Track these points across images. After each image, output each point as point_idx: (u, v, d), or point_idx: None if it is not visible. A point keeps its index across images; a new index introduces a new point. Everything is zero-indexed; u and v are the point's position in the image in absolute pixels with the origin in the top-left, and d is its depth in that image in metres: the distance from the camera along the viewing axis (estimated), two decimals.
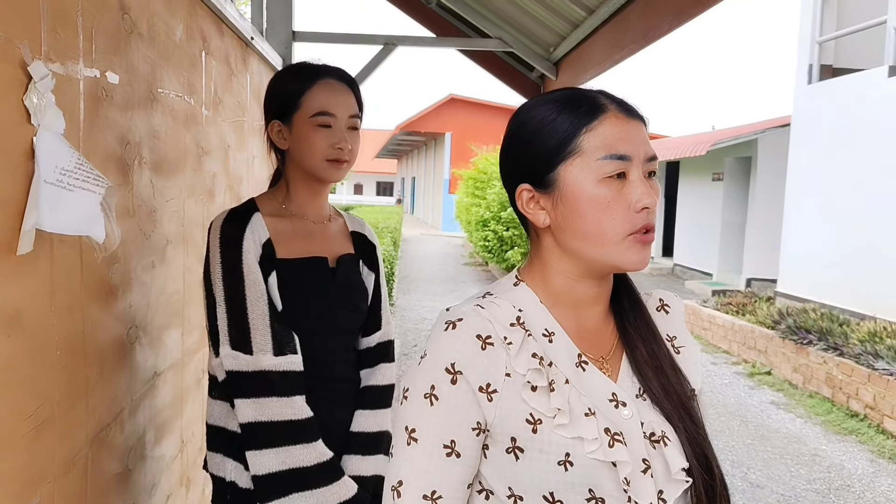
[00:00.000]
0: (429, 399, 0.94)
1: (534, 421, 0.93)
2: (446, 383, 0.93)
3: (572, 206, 0.95)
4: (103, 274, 1.41)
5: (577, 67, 3.15)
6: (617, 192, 0.94)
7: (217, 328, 1.54)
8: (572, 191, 0.94)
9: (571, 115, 0.95)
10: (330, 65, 1.71)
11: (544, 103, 0.99)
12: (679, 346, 1.10)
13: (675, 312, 1.14)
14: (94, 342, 1.36)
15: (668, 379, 1.03)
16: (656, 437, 0.98)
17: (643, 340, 1.05)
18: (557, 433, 0.92)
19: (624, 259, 0.96)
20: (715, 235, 13.62)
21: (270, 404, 1.52)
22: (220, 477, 1.61)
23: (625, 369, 1.03)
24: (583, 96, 0.97)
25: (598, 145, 0.93)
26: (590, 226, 0.94)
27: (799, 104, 9.68)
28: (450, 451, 0.93)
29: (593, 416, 0.94)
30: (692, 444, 1.00)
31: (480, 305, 0.97)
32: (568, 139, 0.94)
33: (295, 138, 1.63)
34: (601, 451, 0.92)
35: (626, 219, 0.94)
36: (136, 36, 1.57)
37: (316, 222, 1.71)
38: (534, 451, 0.92)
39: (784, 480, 4.63)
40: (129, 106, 1.53)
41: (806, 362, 6.63)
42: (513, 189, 1.01)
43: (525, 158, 0.98)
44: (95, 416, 1.38)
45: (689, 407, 1.04)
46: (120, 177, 1.48)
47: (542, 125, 0.96)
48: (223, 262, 1.55)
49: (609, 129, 0.93)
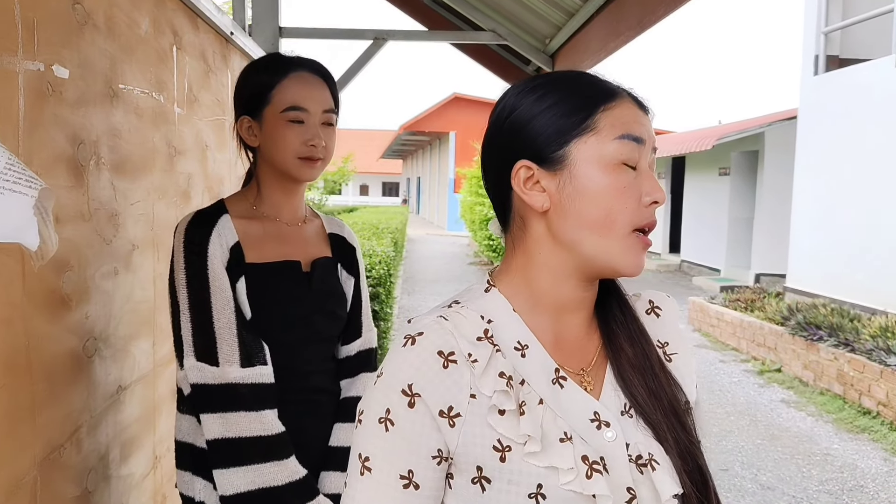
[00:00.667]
0: (383, 424, 0.83)
1: (502, 448, 0.82)
2: (402, 407, 0.82)
3: (583, 188, 0.85)
4: (52, 283, 1.30)
5: (573, 59, 3.04)
6: (631, 179, 0.85)
7: (182, 338, 1.44)
8: (585, 171, 0.85)
9: (588, 92, 0.88)
10: (304, 56, 1.61)
11: (545, 83, 0.90)
12: (671, 353, 0.99)
13: (668, 315, 1.03)
14: (41, 357, 1.26)
15: (657, 383, 0.92)
16: (643, 460, 0.87)
17: (631, 342, 0.94)
18: (528, 462, 0.81)
19: (625, 258, 0.86)
20: (722, 231, 13.47)
21: (238, 419, 1.42)
22: (189, 496, 1.52)
23: (609, 382, 0.92)
24: (596, 78, 0.91)
25: (615, 124, 0.85)
26: (600, 211, 0.84)
27: (805, 96, 9.53)
28: (407, 483, 0.82)
29: (569, 442, 0.83)
30: (685, 459, 0.89)
31: (444, 317, 0.86)
32: (585, 115, 0.86)
33: (265, 135, 1.53)
34: (578, 482, 0.81)
35: (636, 211, 0.85)
36: (92, 28, 1.47)
37: (289, 224, 1.61)
38: (502, 482, 0.81)
39: (795, 481, 4.51)
40: (83, 102, 1.43)
41: (816, 359, 6.50)
42: (505, 169, 0.89)
43: (529, 133, 0.87)
44: (45, 437, 1.28)
45: (682, 415, 0.93)
46: (71, 178, 1.38)
47: (551, 101, 0.87)
48: (187, 267, 1.45)
49: (625, 111, 0.87)
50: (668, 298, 1.05)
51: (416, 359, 0.83)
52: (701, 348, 8.21)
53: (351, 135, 50.29)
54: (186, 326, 1.44)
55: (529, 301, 0.91)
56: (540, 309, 0.91)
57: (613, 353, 0.94)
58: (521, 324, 0.90)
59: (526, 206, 0.89)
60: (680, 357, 0.99)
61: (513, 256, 0.93)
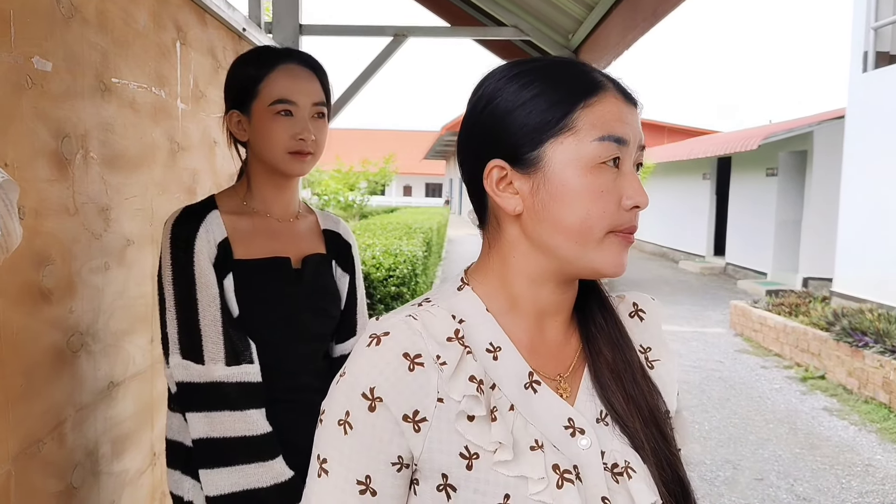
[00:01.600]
0: (342, 427, 0.79)
1: (469, 455, 0.77)
2: (363, 411, 0.78)
3: (557, 192, 0.79)
4: (29, 277, 1.29)
5: (594, 53, 2.96)
6: (611, 181, 0.79)
7: (167, 335, 1.43)
8: (560, 174, 0.79)
9: (567, 87, 0.80)
10: (293, 48, 1.58)
11: (530, 70, 0.82)
12: (653, 359, 0.93)
13: (652, 319, 0.96)
14: (16, 351, 1.25)
15: (637, 389, 0.86)
16: (619, 468, 0.81)
17: (611, 346, 0.88)
18: (497, 471, 0.76)
19: (603, 261, 0.80)
20: (769, 233, 13.12)
21: (223, 419, 1.40)
22: (178, 496, 1.50)
23: (585, 387, 0.86)
24: (579, 69, 0.83)
25: (595, 124, 0.79)
26: (575, 217, 0.78)
27: (854, 94, 9.20)
28: (363, 489, 0.78)
29: (540, 451, 0.78)
30: (663, 468, 0.83)
31: (413, 316, 0.81)
32: (562, 113, 0.79)
33: (254, 129, 1.51)
34: (548, 492, 0.76)
35: (615, 214, 0.80)
36: (80, 21, 1.46)
37: (281, 220, 1.58)
38: (468, 490, 0.77)
39: (833, 493, 4.33)
40: (69, 96, 1.42)
41: (861, 366, 6.25)
42: (479, 166, 0.83)
43: (503, 130, 0.81)
44: (21, 431, 1.27)
45: (661, 424, 0.87)
46: (54, 172, 1.37)
47: (530, 94, 0.80)
48: (173, 263, 1.43)
49: (607, 107, 0.80)
50: (654, 301, 0.99)
51: (379, 360, 0.78)
52: (742, 353, 7.99)
53: (394, 135, 50.57)
54: (172, 323, 1.42)
55: (505, 303, 0.86)
56: (515, 312, 0.86)
57: (592, 357, 0.88)
58: (494, 325, 0.85)
59: (500, 207, 0.84)
60: (662, 364, 0.93)
61: (488, 256, 0.88)
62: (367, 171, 24.32)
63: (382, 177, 26.00)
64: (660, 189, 18.53)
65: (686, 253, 17.41)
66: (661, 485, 0.82)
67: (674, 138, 23.85)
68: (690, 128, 26.84)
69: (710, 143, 15.19)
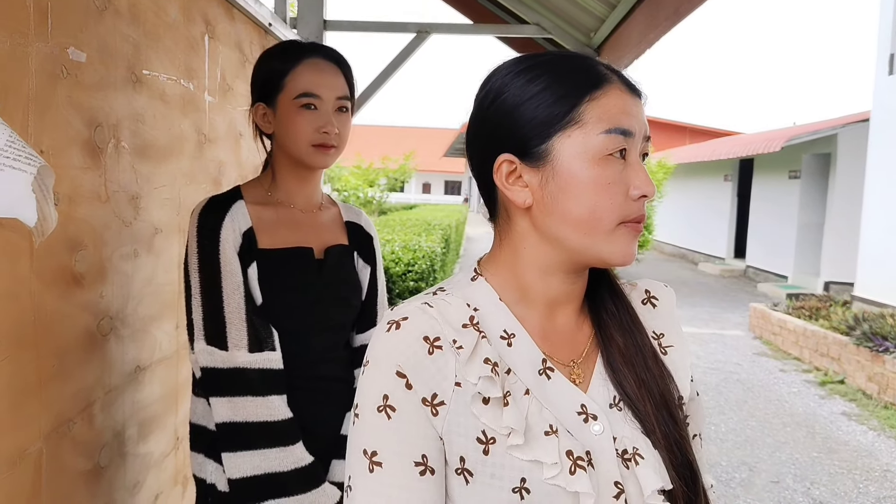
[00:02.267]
0: (384, 413, 0.78)
1: (486, 440, 0.78)
2: (400, 389, 0.78)
3: (566, 185, 0.81)
4: (63, 261, 1.34)
5: (616, 52, 2.97)
6: (618, 173, 0.81)
7: (192, 321, 1.46)
8: (568, 166, 0.81)
9: (573, 81, 0.82)
10: (318, 43, 1.61)
11: (536, 65, 0.84)
12: (666, 345, 0.94)
13: (664, 306, 0.98)
14: (50, 333, 1.29)
15: (649, 374, 0.88)
16: (628, 454, 0.83)
17: (623, 331, 0.90)
18: (512, 455, 0.78)
19: (613, 251, 0.82)
20: (791, 236, 13.00)
21: (245, 404, 1.43)
22: (201, 478, 1.54)
23: (598, 374, 0.88)
24: (585, 62, 0.85)
25: (601, 116, 0.80)
26: (584, 209, 0.80)
27: (878, 97, 9.10)
28: (423, 469, 0.78)
29: (554, 436, 0.80)
30: (673, 453, 0.85)
31: (428, 303, 0.83)
32: (569, 107, 0.81)
33: (279, 122, 1.54)
34: (561, 477, 0.78)
35: (623, 205, 0.81)
36: (113, 13, 1.50)
37: (304, 211, 1.61)
38: (484, 475, 0.78)
39: (851, 497, 4.30)
40: (102, 86, 1.46)
41: (882, 371, 6.20)
42: (488, 160, 0.86)
43: (511, 125, 0.83)
44: (53, 411, 1.32)
45: (672, 408, 0.88)
46: (87, 160, 1.41)
47: (536, 88, 0.82)
48: (199, 251, 1.46)
49: (613, 100, 0.82)
50: (667, 288, 1.00)
51: (400, 343, 0.80)
52: (760, 356, 7.94)
53: (414, 133, 50.60)
54: (197, 310, 1.46)
55: (517, 293, 0.88)
56: (527, 301, 0.88)
57: (604, 343, 0.90)
58: (507, 313, 0.87)
59: (509, 201, 0.86)
60: (675, 350, 0.95)
61: (499, 248, 0.90)
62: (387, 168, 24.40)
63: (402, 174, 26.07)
64: (680, 190, 18.42)
65: (706, 255, 17.29)
66: (671, 469, 0.84)
67: (695, 139, 23.68)
68: (712, 129, 26.64)
69: (732, 144, 15.08)
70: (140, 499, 1.71)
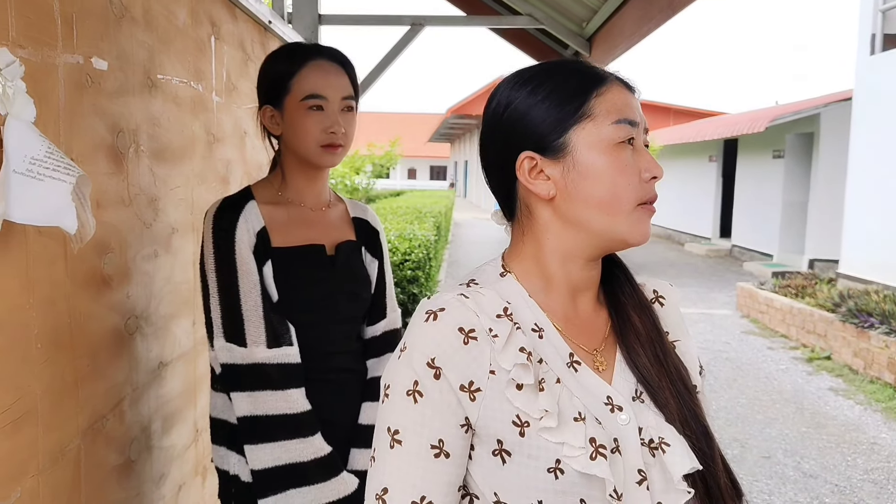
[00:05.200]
0: (412, 396, 0.86)
1: (521, 423, 0.85)
2: (429, 378, 0.86)
3: (586, 171, 0.90)
4: (93, 264, 1.38)
5: (609, 42, 3.02)
6: (630, 157, 0.91)
7: (211, 320, 1.52)
8: (587, 155, 0.90)
9: (578, 81, 0.92)
10: (322, 45, 1.66)
11: (536, 74, 0.95)
12: (673, 340, 1.02)
13: (671, 305, 1.06)
14: (84, 334, 1.34)
15: (664, 351, 0.96)
16: (655, 444, 0.90)
17: (639, 310, 0.98)
18: (543, 437, 0.85)
19: (632, 230, 0.91)
20: (775, 215, 13.16)
21: (265, 398, 1.49)
22: (224, 470, 1.60)
23: (619, 366, 0.96)
24: (582, 65, 0.97)
25: (609, 109, 0.91)
26: (605, 191, 0.89)
27: (861, 76, 9.22)
28: (438, 452, 0.86)
29: (582, 422, 0.86)
30: (694, 434, 0.91)
31: (465, 295, 0.90)
32: (579, 103, 0.91)
33: (287, 123, 1.59)
34: (581, 460, 0.84)
35: (639, 186, 0.91)
36: (129, 21, 1.54)
37: (314, 209, 1.66)
38: (521, 455, 0.85)
39: (839, 470, 4.43)
40: (122, 93, 1.50)
41: (867, 346, 6.34)
42: (508, 162, 0.94)
43: (527, 126, 0.92)
44: (88, 408, 1.37)
45: (689, 385, 0.96)
46: (112, 165, 1.46)
47: (545, 92, 0.92)
48: (216, 252, 1.52)
49: (616, 95, 0.92)
50: (672, 288, 1.08)
51: (437, 334, 0.87)
52: (749, 335, 8.08)
53: (398, 119, 50.39)
54: (216, 309, 1.51)
55: (541, 282, 0.95)
56: (550, 289, 0.95)
57: (621, 325, 0.97)
58: (536, 309, 0.94)
59: (531, 195, 0.94)
60: (682, 343, 1.03)
61: (522, 243, 0.97)
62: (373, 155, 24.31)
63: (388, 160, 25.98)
64: (666, 171, 18.26)
65: (692, 235, 17.45)
66: (695, 448, 0.90)
67: (679, 120, 23.79)
68: (696, 109, 26.76)
69: (716, 125, 15.19)
70: (165, 490, 1.77)
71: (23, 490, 1.15)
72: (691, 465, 0.88)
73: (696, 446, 0.91)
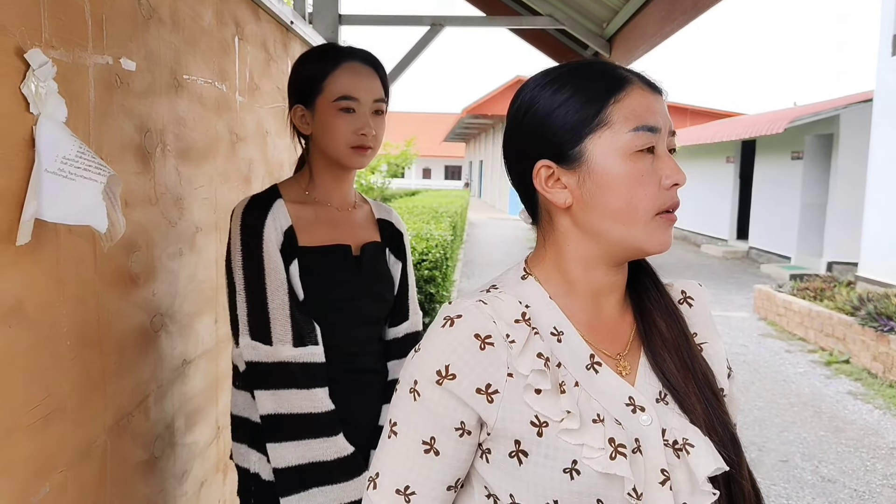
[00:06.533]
0: (413, 394, 0.90)
1: (539, 423, 0.86)
2: (432, 383, 0.88)
3: (602, 181, 0.88)
4: (121, 263, 1.40)
5: (629, 43, 3.01)
6: (649, 165, 0.88)
7: (237, 317, 1.52)
8: (602, 164, 0.88)
9: (596, 86, 0.89)
10: (355, 47, 1.66)
11: (560, 75, 0.92)
12: (701, 342, 1.00)
13: (700, 305, 1.05)
14: (111, 332, 1.36)
15: (691, 357, 0.95)
16: (679, 445, 0.89)
17: (665, 316, 0.97)
18: (563, 438, 0.85)
19: (650, 240, 0.89)
20: (794, 217, 13.05)
21: (290, 396, 1.49)
22: (244, 468, 1.60)
23: (643, 368, 0.95)
24: (605, 67, 0.92)
25: (628, 116, 0.87)
26: (621, 202, 0.88)
27: (882, 77, 9.13)
28: (428, 448, 0.89)
29: (601, 424, 0.87)
30: (720, 437, 0.91)
31: (483, 301, 0.90)
32: (596, 110, 0.88)
33: (317, 123, 1.59)
34: (601, 460, 0.84)
35: (658, 195, 0.88)
36: (157, 22, 1.55)
37: (340, 209, 1.67)
38: (539, 455, 0.86)
39: (858, 475, 4.39)
40: (150, 93, 1.52)
41: (887, 350, 6.28)
42: (527, 168, 0.93)
43: (545, 132, 0.91)
44: (115, 405, 1.38)
45: (715, 389, 0.95)
46: (139, 165, 1.47)
47: (564, 96, 0.90)
48: (243, 249, 1.52)
49: (636, 100, 0.89)
50: (701, 288, 1.07)
51: (453, 340, 0.88)
52: (766, 337, 8.02)
53: (414, 118, 50.45)
54: (242, 307, 1.51)
55: (564, 287, 0.95)
56: (574, 294, 0.95)
57: (647, 330, 0.96)
58: (557, 311, 0.94)
59: (550, 202, 0.93)
60: (710, 346, 1.01)
61: (544, 248, 0.97)
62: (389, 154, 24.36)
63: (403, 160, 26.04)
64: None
65: (709, 237, 17.35)
66: (720, 450, 0.89)
67: (697, 121, 23.65)
68: (714, 110, 26.59)
69: (734, 126, 15.09)
70: (188, 486, 1.79)
71: (51, 486, 1.17)
72: (716, 466, 0.87)
73: (722, 452, 0.90)
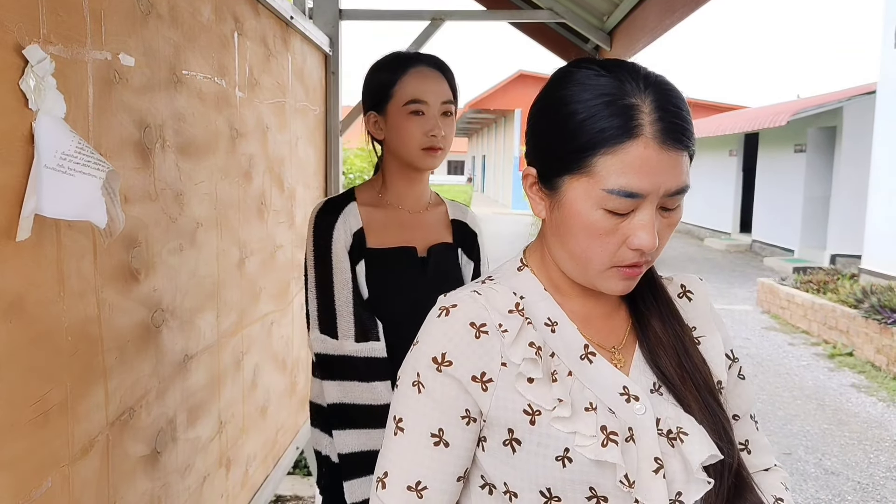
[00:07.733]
0: (416, 387, 0.90)
1: (532, 412, 0.87)
2: (432, 371, 0.89)
3: (566, 219, 0.87)
4: (122, 258, 1.40)
5: (630, 36, 3.01)
6: (615, 225, 0.83)
7: (309, 312, 1.63)
8: (571, 205, 0.85)
9: (600, 125, 0.81)
10: (422, 53, 1.73)
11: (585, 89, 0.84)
12: (699, 335, 1.01)
13: (699, 299, 1.05)
14: (112, 327, 1.36)
15: (688, 361, 0.94)
16: (673, 434, 0.90)
17: (661, 320, 0.96)
18: (555, 426, 0.86)
19: (606, 285, 0.89)
20: (797, 210, 13.03)
21: (353, 387, 1.58)
22: (318, 451, 1.72)
23: (638, 361, 0.95)
24: (625, 104, 0.81)
25: (612, 173, 0.81)
26: (577, 247, 0.87)
27: (885, 69, 9.09)
28: (437, 441, 0.89)
29: (593, 412, 0.87)
30: (715, 429, 0.91)
31: (477, 291, 0.92)
32: (583, 155, 0.83)
33: (389, 128, 1.66)
34: (593, 448, 0.85)
35: (616, 253, 0.85)
36: (155, 17, 1.55)
37: (412, 211, 1.73)
38: (531, 444, 0.87)
39: (861, 467, 4.39)
40: (149, 89, 1.52)
41: (890, 343, 6.27)
42: (529, 161, 0.94)
43: (539, 146, 0.91)
44: (116, 400, 1.39)
45: (714, 389, 0.95)
46: (139, 160, 1.47)
47: (570, 117, 0.84)
48: (315, 250, 1.62)
49: (634, 156, 0.80)
50: (701, 282, 1.07)
51: (448, 329, 0.89)
52: (769, 330, 8.02)
53: None
54: (313, 302, 1.62)
55: (558, 279, 0.96)
56: (568, 288, 0.95)
57: (642, 331, 0.96)
58: (551, 302, 0.94)
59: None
60: (707, 339, 1.01)
61: (540, 241, 0.98)
62: None
63: None
64: None
65: (712, 230, 17.32)
66: (715, 438, 0.90)
67: (699, 114, 23.61)
68: (716, 103, 26.53)
69: (737, 119, 15.05)
70: (190, 481, 1.79)
71: (53, 480, 1.17)
72: (710, 453, 0.87)
73: (717, 442, 0.90)
